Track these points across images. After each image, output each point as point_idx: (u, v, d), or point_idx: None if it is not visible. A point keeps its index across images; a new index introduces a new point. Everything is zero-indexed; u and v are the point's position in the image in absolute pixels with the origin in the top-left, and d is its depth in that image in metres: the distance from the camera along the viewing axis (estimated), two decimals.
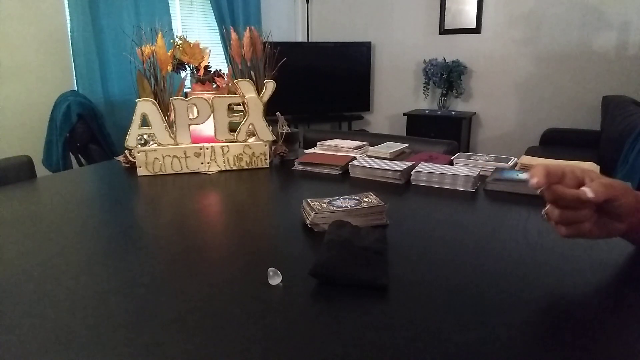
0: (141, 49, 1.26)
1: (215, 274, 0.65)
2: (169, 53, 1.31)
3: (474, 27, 3.81)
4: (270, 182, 1.18)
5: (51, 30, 2.69)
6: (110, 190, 1.15)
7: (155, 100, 1.22)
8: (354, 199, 0.84)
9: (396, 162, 1.18)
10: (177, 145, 1.22)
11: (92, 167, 1.46)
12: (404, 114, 3.91)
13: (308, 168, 1.24)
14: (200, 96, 1.22)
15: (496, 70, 3.83)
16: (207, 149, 1.23)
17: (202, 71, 1.33)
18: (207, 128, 1.24)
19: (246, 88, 1.23)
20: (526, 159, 1.19)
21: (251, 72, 1.45)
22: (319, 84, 4.12)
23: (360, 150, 1.38)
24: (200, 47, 1.35)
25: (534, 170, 0.54)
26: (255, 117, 1.25)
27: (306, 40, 4.44)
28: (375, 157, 1.26)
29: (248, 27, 1.43)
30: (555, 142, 3.49)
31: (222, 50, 3.70)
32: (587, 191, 0.53)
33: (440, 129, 3.71)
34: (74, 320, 0.53)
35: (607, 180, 0.56)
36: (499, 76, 3.83)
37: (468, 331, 0.50)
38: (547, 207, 0.58)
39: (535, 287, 0.60)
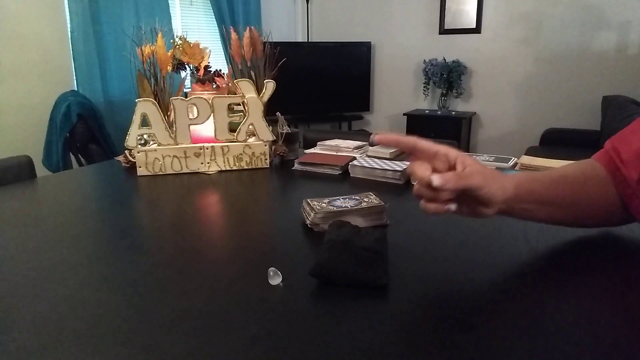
0: (141, 49, 1.26)
1: (215, 274, 0.65)
2: (169, 53, 1.31)
3: (474, 27, 3.81)
4: (270, 182, 1.18)
5: (51, 30, 2.69)
6: (110, 190, 1.15)
7: (155, 100, 1.22)
8: (354, 199, 0.84)
9: (396, 162, 1.18)
10: (177, 145, 1.22)
11: (92, 167, 1.46)
12: (404, 114, 3.91)
13: (308, 168, 1.24)
14: (200, 96, 1.22)
15: (496, 70, 3.83)
16: (207, 149, 1.23)
17: (202, 71, 1.33)
18: (207, 128, 1.24)
19: (246, 88, 1.23)
20: (526, 159, 1.20)
21: (251, 72, 1.45)
22: (319, 84, 4.12)
23: (360, 150, 1.38)
24: (200, 47, 1.35)
25: (401, 139, 0.58)
26: (255, 117, 1.25)
27: (306, 40, 4.44)
28: (375, 157, 1.26)
29: (248, 27, 1.43)
30: (555, 142, 3.49)
31: (222, 50, 3.70)
32: (434, 178, 0.53)
33: (440, 129, 3.71)
34: (74, 320, 0.53)
35: (473, 169, 0.56)
36: (499, 76, 3.83)
37: (468, 331, 0.50)
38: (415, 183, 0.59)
39: (535, 287, 0.60)
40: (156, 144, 1.22)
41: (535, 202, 0.65)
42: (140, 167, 1.21)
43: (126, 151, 1.29)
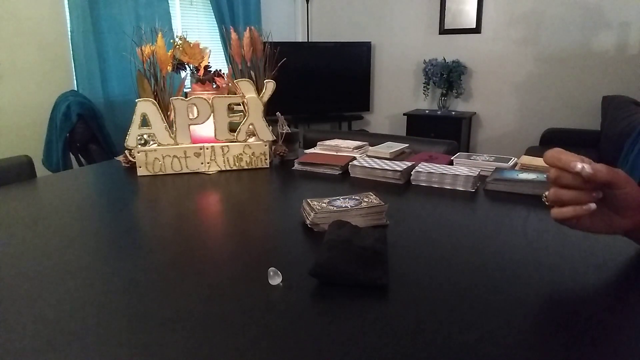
0: (141, 49, 1.26)
1: (215, 274, 0.65)
2: (169, 53, 1.31)
3: (474, 27, 3.81)
4: (270, 182, 1.18)
5: (51, 30, 2.69)
6: (110, 190, 1.15)
7: (155, 100, 1.22)
8: (354, 199, 0.84)
9: (396, 162, 1.18)
10: (177, 145, 1.22)
11: (92, 167, 1.46)
12: (404, 114, 3.91)
13: (308, 168, 1.24)
14: (200, 96, 1.22)
15: (496, 70, 3.83)
16: (207, 149, 1.23)
17: (202, 71, 1.33)
18: (207, 128, 1.24)
19: (246, 88, 1.23)
20: (526, 159, 1.19)
21: (251, 72, 1.45)
22: (319, 84, 4.12)
23: (360, 150, 1.38)
24: (200, 47, 1.35)
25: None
26: (255, 117, 1.25)
27: (306, 40, 4.44)
28: (375, 157, 1.26)
29: (248, 27, 1.43)
30: (555, 142, 3.48)
31: (222, 50, 3.70)
32: (585, 166, 0.51)
33: (440, 129, 3.71)
34: (74, 321, 0.53)
35: (613, 168, 0.54)
36: (499, 76, 3.83)
37: (468, 331, 0.50)
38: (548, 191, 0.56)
39: (535, 286, 0.60)
40: (156, 144, 1.22)
41: None
42: (140, 167, 1.21)
43: (126, 151, 1.29)
